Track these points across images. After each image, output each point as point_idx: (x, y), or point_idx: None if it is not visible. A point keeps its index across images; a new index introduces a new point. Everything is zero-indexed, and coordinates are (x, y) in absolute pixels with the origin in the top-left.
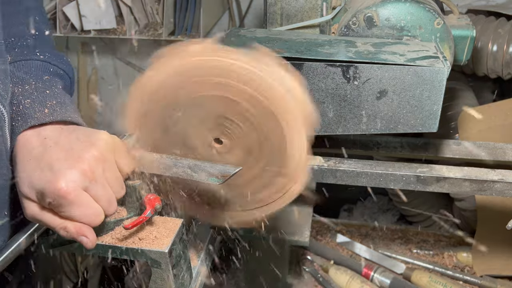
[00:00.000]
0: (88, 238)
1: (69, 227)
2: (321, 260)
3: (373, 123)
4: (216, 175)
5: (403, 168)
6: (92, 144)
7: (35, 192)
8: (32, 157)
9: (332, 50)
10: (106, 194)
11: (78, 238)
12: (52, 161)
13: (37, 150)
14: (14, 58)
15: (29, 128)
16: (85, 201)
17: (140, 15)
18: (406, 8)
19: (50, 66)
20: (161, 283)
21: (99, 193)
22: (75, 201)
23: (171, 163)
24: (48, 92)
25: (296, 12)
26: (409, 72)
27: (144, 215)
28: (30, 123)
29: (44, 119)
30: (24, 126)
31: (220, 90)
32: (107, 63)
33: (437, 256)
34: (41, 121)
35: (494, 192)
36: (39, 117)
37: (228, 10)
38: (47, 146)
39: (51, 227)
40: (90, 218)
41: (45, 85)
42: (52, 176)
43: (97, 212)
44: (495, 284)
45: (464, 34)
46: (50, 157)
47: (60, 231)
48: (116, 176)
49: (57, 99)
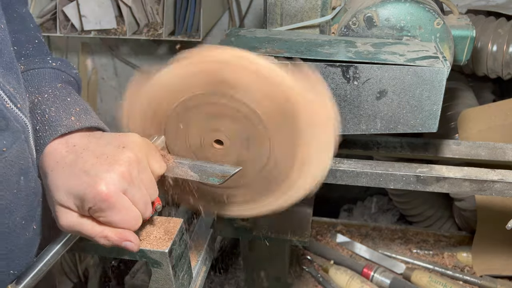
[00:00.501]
0: (133, 242)
1: (110, 235)
2: (321, 260)
3: (373, 123)
4: (216, 175)
5: (403, 168)
6: (125, 146)
7: (73, 199)
8: (66, 165)
9: (332, 50)
10: (143, 197)
11: (122, 245)
12: (87, 166)
13: (69, 158)
14: (26, 67)
15: (57, 137)
16: (126, 205)
17: (140, 15)
18: (406, 8)
19: (61, 74)
20: (161, 283)
21: (137, 196)
22: (116, 205)
23: (172, 164)
24: (69, 99)
25: (296, 12)
26: (409, 72)
27: None
28: (60, 132)
29: (73, 126)
30: (54, 135)
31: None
32: (107, 63)
33: (437, 256)
34: (70, 128)
35: (494, 192)
36: (68, 125)
37: (228, 10)
38: (78, 153)
39: (91, 236)
40: (131, 222)
41: (62, 92)
42: (91, 181)
43: (136, 216)
44: (495, 284)
45: (464, 34)
46: (84, 163)
47: (100, 240)
48: (151, 178)
49: (79, 106)
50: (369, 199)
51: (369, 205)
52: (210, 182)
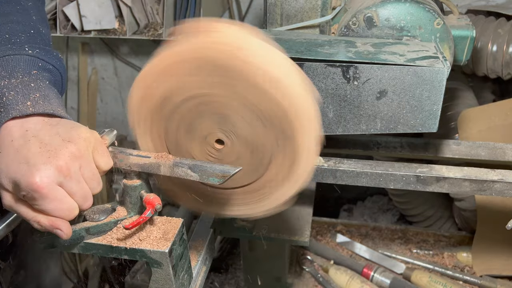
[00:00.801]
0: (62, 231)
1: (42, 221)
2: (321, 260)
3: (373, 123)
4: (216, 175)
5: (403, 168)
6: (70, 140)
7: (11, 184)
8: (13, 149)
9: (332, 50)
10: (81, 190)
11: (53, 231)
12: (30, 155)
13: (17, 142)
14: (2, 53)
15: (12, 119)
16: (58, 196)
17: (140, 15)
18: (406, 8)
19: (39, 61)
20: (161, 283)
21: (74, 189)
22: (48, 196)
23: (171, 163)
24: (33, 85)
25: (296, 12)
26: (409, 72)
27: (144, 215)
28: (11, 115)
29: (26, 111)
30: (6, 117)
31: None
32: (107, 63)
33: (437, 256)
34: (22, 113)
35: (494, 192)
36: (21, 109)
37: (228, 10)
38: (27, 139)
39: (26, 219)
40: (64, 212)
41: (31, 79)
42: (28, 170)
43: (71, 207)
44: (495, 284)
45: (464, 34)
46: (28, 151)
47: (34, 224)
48: (93, 173)
49: (41, 92)
50: (369, 199)
51: (369, 205)
52: (210, 182)
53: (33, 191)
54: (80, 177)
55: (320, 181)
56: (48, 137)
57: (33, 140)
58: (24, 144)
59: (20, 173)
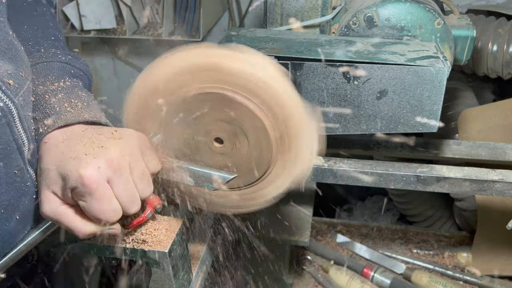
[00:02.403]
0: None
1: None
2: (321, 260)
3: (373, 123)
4: (211, 181)
5: (403, 168)
6: (119, 138)
7: (60, 179)
8: (59, 150)
9: (332, 50)
10: (128, 190)
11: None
12: (79, 153)
13: (63, 144)
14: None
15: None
16: (106, 195)
17: (140, 15)
18: (406, 8)
19: (71, 68)
20: (161, 283)
21: (121, 188)
22: (96, 193)
23: (169, 167)
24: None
25: (296, 12)
26: (409, 72)
27: (144, 215)
28: (57, 124)
29: (71, 120)
30: (52, 127)
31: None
32: (107, 63)
33: (437, 256)
34: (67, 122)
35: (494, 192)
36: (66, 118)
37: (228, 10)
38: (73, 141)
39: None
40: (108, 214)
41: (68, 86)
42: (78, 164)
43: (116, 209)
44: (495, 284)
45: (464, 34)
46: (76, 150)
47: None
48: (143, 172)
49: (82, 100)
50: (369, 199)
51: (370, 205)
52: (206, 188)
53: (82, 185)
54: (129, 176)
55: (320, 181)
56: (95, 136)
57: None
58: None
59: (70, 167)
